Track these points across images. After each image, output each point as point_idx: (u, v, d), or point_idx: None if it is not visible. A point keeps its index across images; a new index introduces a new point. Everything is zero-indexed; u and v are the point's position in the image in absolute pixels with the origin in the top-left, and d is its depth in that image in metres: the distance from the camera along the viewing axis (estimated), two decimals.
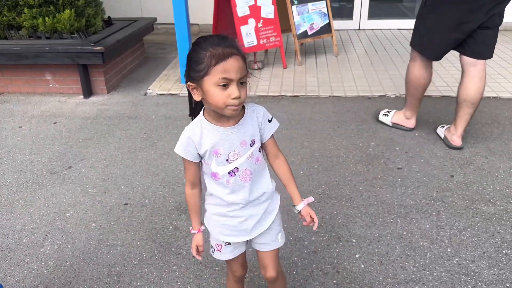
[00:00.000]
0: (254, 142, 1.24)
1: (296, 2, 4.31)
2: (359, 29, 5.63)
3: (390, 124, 3.06)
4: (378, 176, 2.51)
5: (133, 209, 2.29)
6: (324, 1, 4.46)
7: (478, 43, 2.47)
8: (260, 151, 1.29)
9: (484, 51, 2.51)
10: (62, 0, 3.69)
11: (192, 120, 1.27)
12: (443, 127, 2.92)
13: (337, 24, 5.52)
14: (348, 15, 5.66)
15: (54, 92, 3.92)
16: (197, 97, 1.15)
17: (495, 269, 1.82)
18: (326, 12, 4.49)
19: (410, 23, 5.45)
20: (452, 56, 3.02)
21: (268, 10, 4.10)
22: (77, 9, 3.78)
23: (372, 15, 5.74)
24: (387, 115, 3.10)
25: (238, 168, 1.23)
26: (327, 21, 4.51)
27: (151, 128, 3.19)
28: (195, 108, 1.26)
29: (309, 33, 4.43)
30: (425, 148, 2.78)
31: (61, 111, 3.54)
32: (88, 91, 3.80)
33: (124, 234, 2.11)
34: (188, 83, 1.13)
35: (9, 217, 2.26)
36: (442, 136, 2.86)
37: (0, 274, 1.88)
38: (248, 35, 4.05)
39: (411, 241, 1.99)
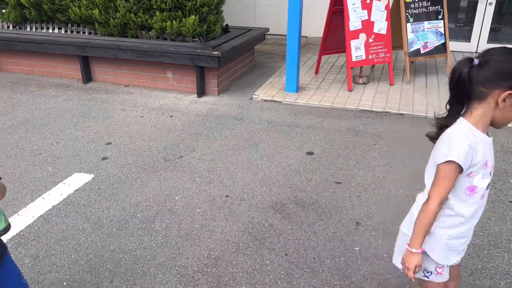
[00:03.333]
0: None
1: (411, 20, 4.20)
2: (476, 52, 5.26)
3: None
4: (487, 206, 2.34)
5: (233, 201, 2.46)
6: (442, 21, 4.28)
7: None
8: None
9: None
10: (189, 6, 4.08)
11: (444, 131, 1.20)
12: None
13: (453, 45, 5.24)
14: (466, 37, 5.34)
15: (172, 89, 4.34)
16: (500, 106, 1.11)
17: None
18: (443, 32, 4.30)
19: None
20: None
21: (381, 26, 4.07)
22: (201, 16, 4.16)
23: (492, 38, 5.33)
24: None
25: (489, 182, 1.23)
26: (443, 41, 4.31)
27: (254, 130, 3.37)
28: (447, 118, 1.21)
29: (422, 51, 4.28)
30: None
31: (177, 107, 3.91)
32: (201, 91, 4.14)
33: (224, 222, 2.27)
34: (508, 92, 1.08)
35: (127, 193, 2.57)
36: None
37: (115, 241, 2.15)
38: (357, 49, 4.05)
39: None
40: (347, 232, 2.18)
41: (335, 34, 4.32)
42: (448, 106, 1.21)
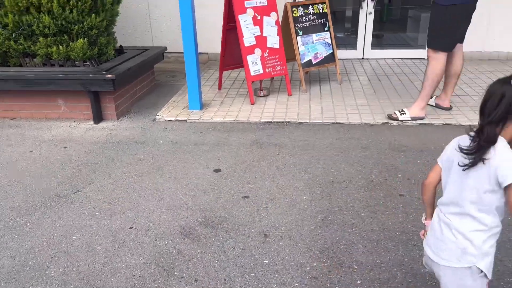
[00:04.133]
0: None
1: (301, 33, 4.44)
2: (363, 58, 5.76)
3: (410, 118, 3.62)
4: (380, 202, 2.53)
5: (138, 232, 2.33)
6: (328, 32, 4.60)
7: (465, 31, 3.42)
8: None
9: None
10: (76, 30, 3.85)
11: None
12: (432, 98, 3.80)
13: (341, 53, 5.66)
14: (353, 45, 5.80)
15: (65, 118, 4.04)
16: None
17: None
18: (330, 43, 4.62)
19: (413, 53, 5.62)
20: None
21: (274, 40, 4.24)
22: (90, 39, 3.95)
23: (376, 45, 5.88)
24: (405, 113, 3.64)
25: None
26: (331, 51, 4.63)
27: (158, 153, 3.27)
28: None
29: (314, 62, 4.54)
30: (426, 175, 2.80)
31: (71, 136, 3.64)
32: (98, 117, 3.92)
33: (129, 257, 2.14)
34: None
35: (17, 239, 2.30)
36: (434, 104, 3.85)
37: None
38: (254, 64, 4.17)
39: (413, 268, 2.00)
40: (256, 246, 2.19)
41: (232, 50, 4.40)
42: (479, 127, 1.25)
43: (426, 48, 3.51)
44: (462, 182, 1.29)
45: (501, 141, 1.22)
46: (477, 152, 1.23)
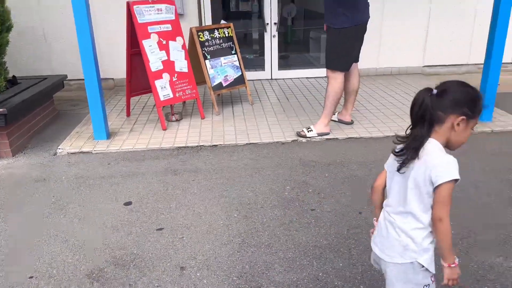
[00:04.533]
0: None
1: (209, 57, 4.48)
2: (271, 78, 5.97)
3: (317, 135, 3.81)
4: (294, 219, 2.60)
5: (39, 282, 2.10)
6: (236, 55, 4.70)
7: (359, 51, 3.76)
8: None
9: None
10: None
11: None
12: (334, 114, 4.04)
13: (251, 75, 5.81)
14: (261, 66, 6.00)
15: None
16: (456, 129, 1.32)
17: None
18: (239, 65, 4.72)
19: (316, 72, 5.97)
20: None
21: (182, 65, 4.21)
22: None
23: (283, 65, 6.15)
24: (312, 130, 3.82)
25: None
26: (240, 73, 4.73)
27: (60, 191, 3.01)
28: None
29: (224, 84, 4.60)
30: (335, 188, 2.95)
31: None
32: None
33: None
34: (461, 117, 1.31)
35: None
36: (337, 120, 4.10)
37: None
38: (163, 89, 4.09)
39: (327, 282, 2.06)
40: (172, 281, 2.10)
41: (139, 75, 4.28)
42: (409, 130, 1.38)
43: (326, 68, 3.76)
44: (403, 184, 1.38)
45: (432, 143, 1.34)
46: (406, 153, 1.34)
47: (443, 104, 1.31)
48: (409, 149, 1.34)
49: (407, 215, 1.38)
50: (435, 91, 1.33)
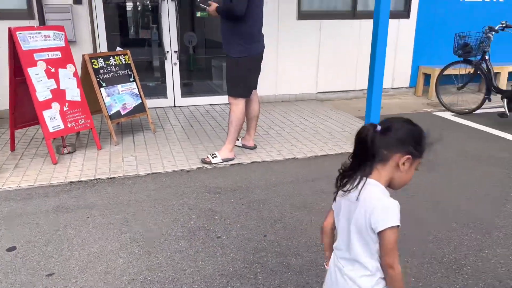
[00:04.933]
0: None
1: (104, 84, 4.26)
2: (174, 106, 5.89)
3: (222, 160, 3.82)
4: (200, 249, 2.52)
5: None
6: (134, 83, 4.55)
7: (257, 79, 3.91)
8: None
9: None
10: None
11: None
12: (238, 139, 4.07)
13: (153, 102, 5.67)
14: (163, 94, 5.89)
15: None
16: (401, 168, 1.25)
17: None
18: (138, 93, 4.57)
19: (219, 99, 6.05)
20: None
21: (74, 93, 3.94)
22: None
23: (186, 92, 6.11)
24: (216, 156, 3.82)
25: None
26: (140, 101, 4.58)
27: None
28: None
29: (123, 113, 4.40)
30: (240, 213, 2.95)
31: None
32: None
33: None
34: (407, 156, 1.24)
35: None
36: (241, 145, 4.17)
37: None
38: (52, 120, 3.76)
39: None
40: None
41: (25, 106, 3.89)
42: (350, 160, 1.30)
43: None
44: (348, 227, 1.29)
45: (373, 184, 1.25)
46: (345, 185, 1.29)
47: (387, 142, 1.24)
48: (349, 182, 1.27)
49: (353, 262, 1.29)
50: (379, 128, 1.25)
